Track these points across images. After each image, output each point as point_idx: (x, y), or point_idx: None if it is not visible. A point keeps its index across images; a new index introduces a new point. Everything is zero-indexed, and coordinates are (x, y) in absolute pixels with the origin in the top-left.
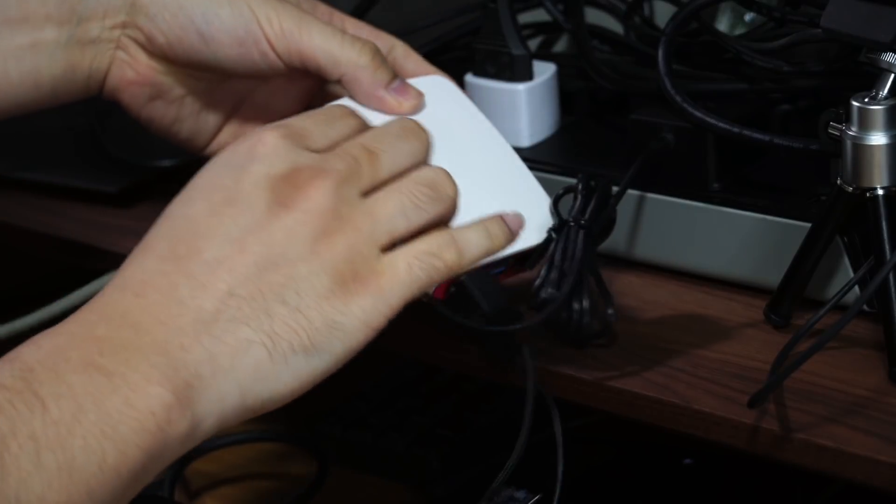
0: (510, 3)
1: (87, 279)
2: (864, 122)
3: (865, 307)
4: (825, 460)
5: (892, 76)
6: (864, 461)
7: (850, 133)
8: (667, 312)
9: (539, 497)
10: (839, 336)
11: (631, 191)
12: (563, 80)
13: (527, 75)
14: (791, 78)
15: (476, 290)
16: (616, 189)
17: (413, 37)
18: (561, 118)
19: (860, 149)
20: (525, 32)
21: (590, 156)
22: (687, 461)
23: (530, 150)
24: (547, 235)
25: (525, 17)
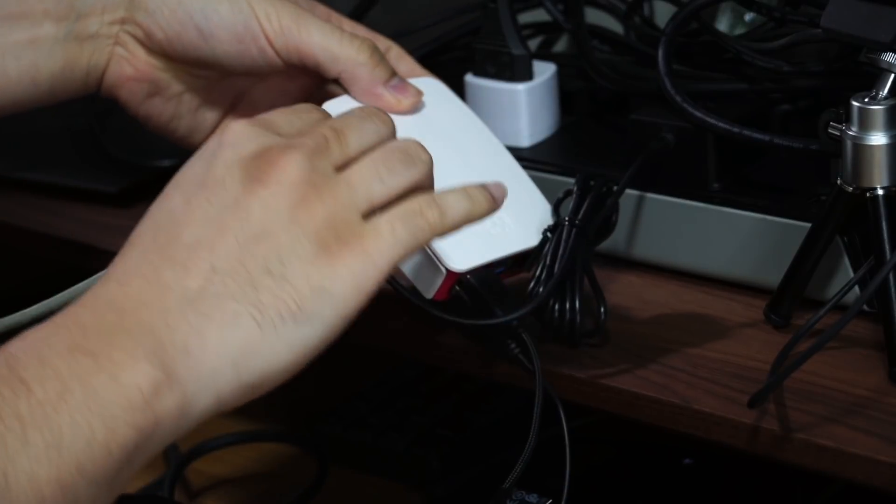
0: (510, 3)
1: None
2: (864, 122)
3: (865, 307)
4: (825, 460)
5: (892, 76)
6: (864, 461)
7: (850, 133)
8: (667, 312)
9: (551, 501)
10: (839, 336)
11: (631, 191)
12: (563, 80)
13: (527, 75)
14: (791, 78)
15: (483, 288)
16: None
17: (413, 37)
18: (561, 118)
19: (860, 149)
20: (525, 32)
21: (590, 156)
22: (687, 461)
23: (530, 150)
24: (543, 235)
25: (525, 17)
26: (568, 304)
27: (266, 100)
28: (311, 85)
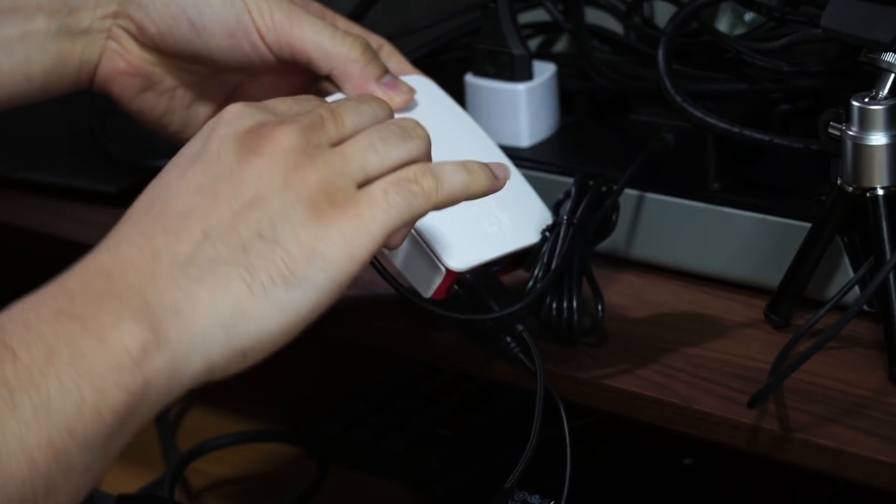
0: (510, 3)
1: None
2: (864, 122)
3: (865, 307)
4: (825, 460)
5: (892, 76)
6: (864, 461)
7: (851, 133)
8: (667, 312)
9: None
10: (839, 336)
11: (631, 190)
12: (563, 80)
13: (527, 75)
14: (791, 78)
15: (482, 287)
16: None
17: (413, 37)
18: (561, 118)
19: (860, 149)
20: (525, 32)
21: (590, 156)
22: (687, 461)
23: (530, 150)
24: (541, 235)
25: (525, 17)
26: (566, 303)
27: (259, 96)
28: (304, 82)
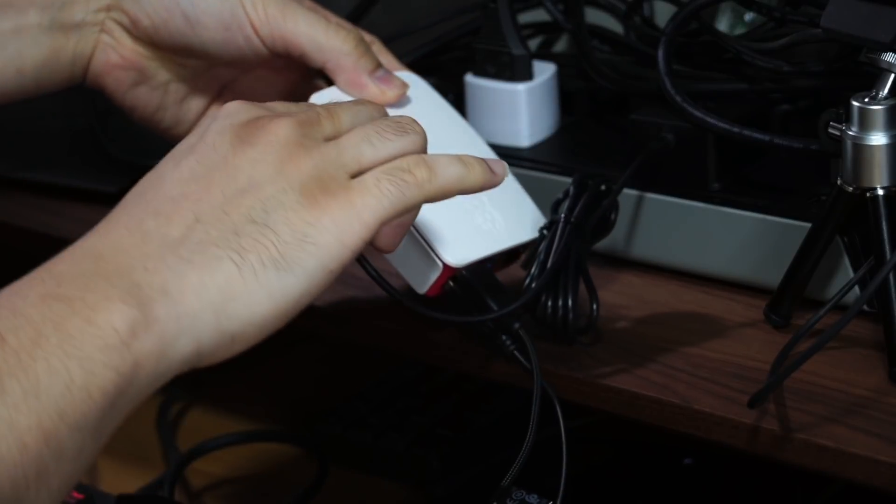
0: (510, 3)
1: None
2: (864, 122)
3: (865, 307)
4: (825, 460)
5: (892, 76)
6: (864, 461)
7: (851, 133)
8: (666, 312)
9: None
10: (839, 336)
11: (630, 190)
12: (563, 80)
13: (527, 75)
14: (791, 78)
15: (477, 283)
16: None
17: (413, 37)
18: (561, 118)
19: (860, 149)
20: (525, 32)
21: (590, 156)
22: (687, 461)
23: (530, 150)
24: (539, 233)
25: (525, 17)
26: (561, 301)
27: (252, 92)
28: (298, 77)
